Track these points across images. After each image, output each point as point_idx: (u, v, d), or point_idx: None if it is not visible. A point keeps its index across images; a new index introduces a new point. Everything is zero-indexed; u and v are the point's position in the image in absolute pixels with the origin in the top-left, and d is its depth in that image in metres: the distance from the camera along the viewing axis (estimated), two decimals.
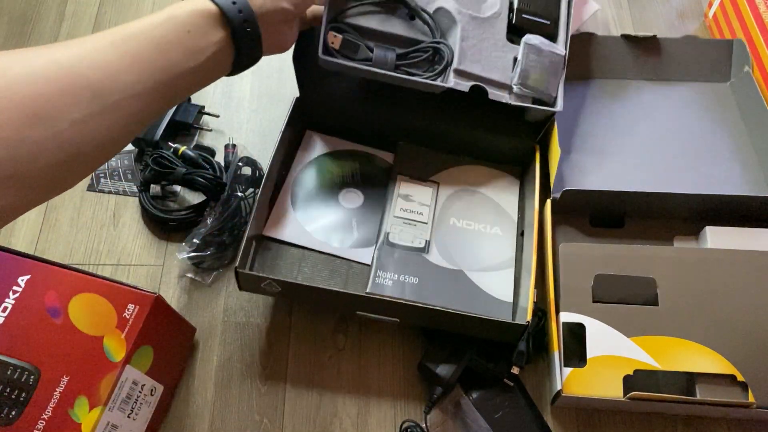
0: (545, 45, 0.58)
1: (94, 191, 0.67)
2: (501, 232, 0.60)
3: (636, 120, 0.68)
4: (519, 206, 0.61)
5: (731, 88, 0.69)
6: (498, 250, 0.58)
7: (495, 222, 0.60)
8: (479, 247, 0.58)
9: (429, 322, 0.53)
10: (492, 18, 0.59)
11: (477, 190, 0.62)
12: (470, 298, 0.55)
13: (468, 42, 0.57)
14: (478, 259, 0.57)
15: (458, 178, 0.63)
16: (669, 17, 0.79)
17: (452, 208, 0.61)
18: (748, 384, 0.49)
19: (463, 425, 0.53)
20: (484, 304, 0.55)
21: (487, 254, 0.58)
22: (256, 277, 0.51)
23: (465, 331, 0.52)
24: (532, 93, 0.58)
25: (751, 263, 0.53)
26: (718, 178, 0.63)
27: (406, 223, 0.59)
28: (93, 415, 0.43)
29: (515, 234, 0.60)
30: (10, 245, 0.63)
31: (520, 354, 0.52)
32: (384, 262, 0.56)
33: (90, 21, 0.78)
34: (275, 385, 0.56)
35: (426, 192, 0.61)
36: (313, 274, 0.57)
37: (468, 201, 0.61)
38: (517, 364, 0.52)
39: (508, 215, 0.61)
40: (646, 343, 0.51)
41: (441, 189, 0.62)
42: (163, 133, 0.65)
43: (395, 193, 0.61)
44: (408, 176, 0.62)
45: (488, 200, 0.62)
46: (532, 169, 0.60)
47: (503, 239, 0.59)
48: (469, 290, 0.55)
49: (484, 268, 0.57)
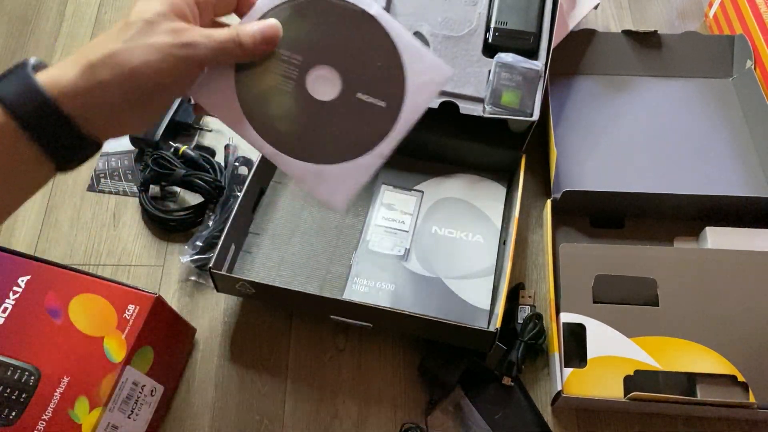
0: (519, 62, 0.59)
1: (94, 191, 0.67)
2: (483, 240, 0.59)
3: (637, 117, 0.68)
4: (504, 215, 0.61)
5: (733, 84, 0.69)
6: (479, 257, 0.58)
7: (477, 230, 0.60)
8: (459, 255, 0.58)
9: (402, 327, 0.54)
10: (467, 35, 0.61)
11: (461, 199, 0.62)
12: (446, 305, 0.55)
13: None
14: (457, 267, 0.58)
15: (443, 187, 0.63)
16: (669, 16, 0.79)
17: (435, 216, 0.61)
18: (748, 384, 0.49)
19: (464, 426, 0.53)
20: (460, 311, 0.55)
21: (467, 262, 0.58)
22: (230, 278, 0.52)
23: (437, 337, 0.53)
24: (504, 112, 0.58)
25: (751, 263, 0.53)
26: (719, 177, 0.63)
27: (388, 231, 0.60)
28: (93, 415, 0.43)
29: (498, 242, 0.60)
30: (10, 246, 0.63)
31: (510, 364, 0.52)
32: (361, 268, 0.57)
33: (90, 21, 0.78)
34: (276, 385, 0.56)
35: (409, 201, 0.62)
36: (291, 278, 0.57)
37: (452, 209, 0.62)
38: (507, 375, 0.52)
39: (491, 223, 0.61)
40: (647, 343, 0.50)
41: (425, 198, 0.62)
42: (164, 134, 0.65)
43: (378, 202, 0.61)
44: (392, 185, 0.63)
45: (472, 208, 0.62)
46: (517, 177, 0.61)
47: (485, 247, 0.59)
48: (445, 297, 0.56)
49: (462, 275, 0.57)
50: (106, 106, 0.32)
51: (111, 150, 0.69)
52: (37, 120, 0.30)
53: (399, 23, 0.38)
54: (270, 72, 0.37)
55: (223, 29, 0.34)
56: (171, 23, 0.32)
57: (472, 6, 0.63)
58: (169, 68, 0.32)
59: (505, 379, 0.53)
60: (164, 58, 0.32)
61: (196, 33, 0.33)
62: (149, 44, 0.31)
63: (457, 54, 0.60)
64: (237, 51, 0.35)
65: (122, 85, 0.31)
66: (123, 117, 0.33)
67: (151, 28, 0.32)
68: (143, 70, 0.31)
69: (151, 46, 0.31)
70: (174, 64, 0.32)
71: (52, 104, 0.30)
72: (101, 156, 0.69)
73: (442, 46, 0.61)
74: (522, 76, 0.58)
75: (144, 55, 0.31)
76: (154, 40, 0.32)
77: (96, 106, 0.32)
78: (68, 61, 0.32)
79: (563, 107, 0.68)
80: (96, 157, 0.69)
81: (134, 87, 0.32)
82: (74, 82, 0.31)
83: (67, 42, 0.77)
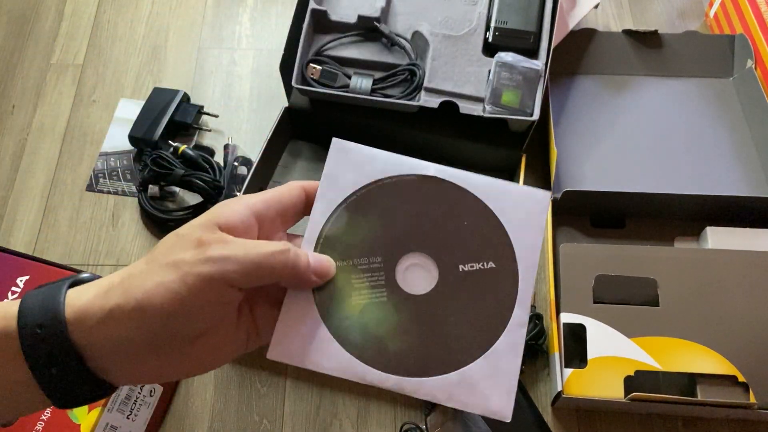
0: (519, 61, 0.58)
1: (93, 191, 0.66)
2: None
3: (637, 116, 0.67)
4: None
5: (734, 84, 0.69)
6: None
7: None
8: None
9: None
10: (467, 35, 0.61)
11: None
12: None
13: (439, 60, 0.60)
14: None
15: None
16: (670, 16, 0.79)
17: None
18: (749, 385, 0.48)
19: (464, 426, 0.53)
20: None
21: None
22: None
23: None
24: (504, 112, 0.58)
25: (752, 264, 0.53)
26: (720, 177, 0.63)
27: None
28: (92, 416, 0.43)
29: None
30: (9, 246, 0.62)
31: None
32: None
33: (89, 20, 0.78)
34: (275, 385, 0.56)
35: None
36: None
37: None
38: None
39: None
40: (647, 343, 0.50)
41: None
42: (163, 133, 0.65)
43: None
44: None
45: None
46: (517, 177, 0.60)
47: None
48: None
49: None
50: (119, 341, 0.25)
51: (110, 149, 0.69)
52: (32, 339, 0.24)
53: (465, 172, 0.33)
54: (354, 289, 0.31)
55: (268, 242, 0.27)
56: (205, 234, 0.26)
57: (472, 5, 0.63)
58: (188, 292, 0.24)
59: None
60: (181, 278, 0.24)
61: (232, 245, 0.26)
62: (169, 263, 0.25)
63: (457, 53, 0.60)
64: (285, 268, 0.27)
65: (132, 314, 0.24)
66: (140, 357, 0.25)
67: (181, 242, 0.26)
68: (153, 294, 0.24)
69: (170, 265, 0.25)
70: (193, 285, 0.24)
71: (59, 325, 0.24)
72: (100, 156, 0.68)
73: (441, 45, 0.60)
74: (522, 76, 0.58)
75: (159, 275, 0.25)
76: (176, 257, 0.25)
77: (105, 339, 0.25)
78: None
79: (563, 107, 0.68)
80: (95, 157, 0.69)
81: (146, 317, 0.24)
82: (87, 305, 0.25)
83: (66, 42, 0.77)
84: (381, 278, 0.31)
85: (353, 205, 0.32)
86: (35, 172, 0.68)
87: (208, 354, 0.27)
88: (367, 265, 0.31)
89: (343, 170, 0.32)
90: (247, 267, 0.25)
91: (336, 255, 0.31)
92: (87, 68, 0.75)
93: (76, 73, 0.75)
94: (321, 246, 0.31)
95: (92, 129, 0.71)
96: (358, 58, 0.61)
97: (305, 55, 0.61)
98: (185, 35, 0.77)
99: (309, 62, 0.60)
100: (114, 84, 0.74)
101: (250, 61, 0.74)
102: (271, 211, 0.29)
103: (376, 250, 0.31)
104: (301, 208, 0.31)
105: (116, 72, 0.75)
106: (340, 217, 0.32)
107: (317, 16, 0.61)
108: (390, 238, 0.32)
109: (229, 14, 0.78)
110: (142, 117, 0.67)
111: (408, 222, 0.32)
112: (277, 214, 0.30)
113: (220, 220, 0.27)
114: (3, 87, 0.74)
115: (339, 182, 0.32)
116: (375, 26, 0.61)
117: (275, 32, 0.77)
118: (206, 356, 0.27)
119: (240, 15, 0.78)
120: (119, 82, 0.74)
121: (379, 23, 0.61)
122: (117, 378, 0.26)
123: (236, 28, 0.77)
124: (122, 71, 0.75)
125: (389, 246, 0.31)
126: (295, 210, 0.31)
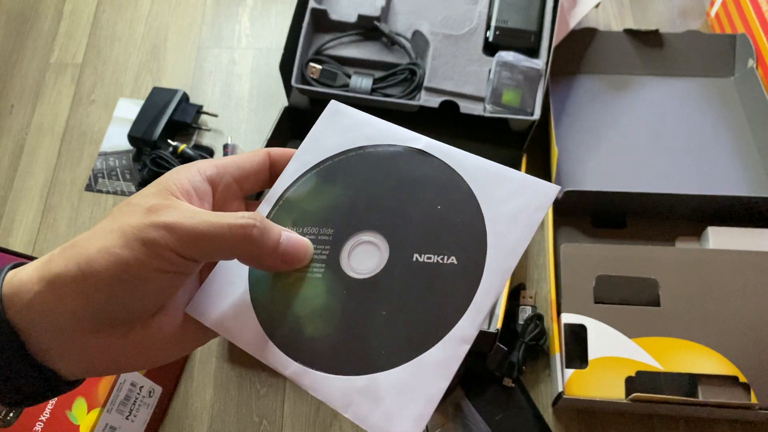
0: (520, 60, 0.58)
1: (92, 191, 0.66)
2: None
3: (638, 116, 0.67)
4: None
5: (735, 83, 0.69)
6: None
7: None
8: None
9: None
10: (467, 34, 0.61)
11: None
12: None
13: (439, 60, 0.60)
14: None
15: None
16: (671, 15, 0.79)
17: None
18: (750, 385, 0.48)
19: (464, 427, 0.52)
20: None
21: None
22: None
23: None
24: (505, 111, 0.58)
25: (753, 264, 0.52)
26: (721, 177, 0.63)
27: None
28: (91, 416, 0.43)
29: None
30: (8, 246, 0.62)
31: (510, 365, 0.52)
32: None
33: (88, 20, 0.78)
34: (274, 386, 0.55)
35: None
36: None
37: None
38: (508, 376, 0.52)
39: None
40: (648, 344, 0.50)
41: None
42: (162, 132, 0.65)
43: None
44: None
45: None
46: None
47: None
48: None
49: None
50: (60, 315, 0.22)
51: (109, 149, 0.69)
52: None
53: (462, 151, 0.29)
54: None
55: (235, 213, 0.25)
56: (155, 200, 0.24)
57: (472, 4, 0.63)
58: (133, 258, 0.22)
59: (505, 380, 0.53)
60: (127, 243, 0.22)
61: (181, 212, 0.23)
62: (114, 228, 0.23)
63: (458, 53, 0.60)
64: (241, 246, 0.24)
65: (73, 283, 0.22)
66: (87, 336, 0.23)
67: (129, 209, 0.24)
68: (95, 259, 0.22)
69: (115, 230, 0.23)
70: (139, 251, 0.22)
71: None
72: (99, 155, 0.68)
73: (442, 44, 0.60)
74: (523, 75, 0.58)
75: (102, 241, 0.23)
76: (124, 221, 0.23)
77: (48, 314, 0.22)
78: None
79: (564, 106, 0.68)
80: (94, 156, 0.68)
81: (88, 285, 0.22)
82: (24, 278, 0.23)
83: (65, 41, 0.76)
84: (324, 252, 0.27)
85: (325, 171, 0.29)
86: (34, 171, 0.68)
87: (167, 337, 0.25)
88: (316, 236, 0.28)
89: (328, 133, 0.30)
90: (195, 237, 0.23)
91: (289, 220, 0.28)
92: (86, 68, 0.75)
93: (75, 72, 0.74)
94: (278, 208, 0.29)
95: (91, 128, 0.70)
96: (358, 58, 0.61)
97: (305, 55, 0.61)
98: (184, 34, 0.77)
99: (309, 62, 0.60)
100: (113, 83, 0.73)
101: (250, 60, 0.74)
102: (227, 176, 0.28)
103: (329, 222, 0.28)
104: (264, 176, 0.29)
105: (115, 71, 0.74)
106: (308, 181, 0.29)
107: (317, 15, 0.61)
108: (348, 210, 0.28)
109: (228, 13, 0.78)
110: (142, 116, 0.66)
111: (375, 196, 0.28)
112: (234, 179, 0.28)
113: (171, 186, 0.25)
114: (2, 86, 0.73)
115: (319, 144, 0.30)
116: (375, 25, 0.61)
117: (275, 31, 0.76)
118: (166, 339, 0.25)
119: (239, 14, 0.78)
120: (118, 81, 0.74)
121: (379, 22, 0.61)
122: (64, 365, 0.23)
123: (236, 27, 0.77)
124: (121, 71, 0.74)
125: (345, 219, 0.28)
126: (256, 177, 0.29)
